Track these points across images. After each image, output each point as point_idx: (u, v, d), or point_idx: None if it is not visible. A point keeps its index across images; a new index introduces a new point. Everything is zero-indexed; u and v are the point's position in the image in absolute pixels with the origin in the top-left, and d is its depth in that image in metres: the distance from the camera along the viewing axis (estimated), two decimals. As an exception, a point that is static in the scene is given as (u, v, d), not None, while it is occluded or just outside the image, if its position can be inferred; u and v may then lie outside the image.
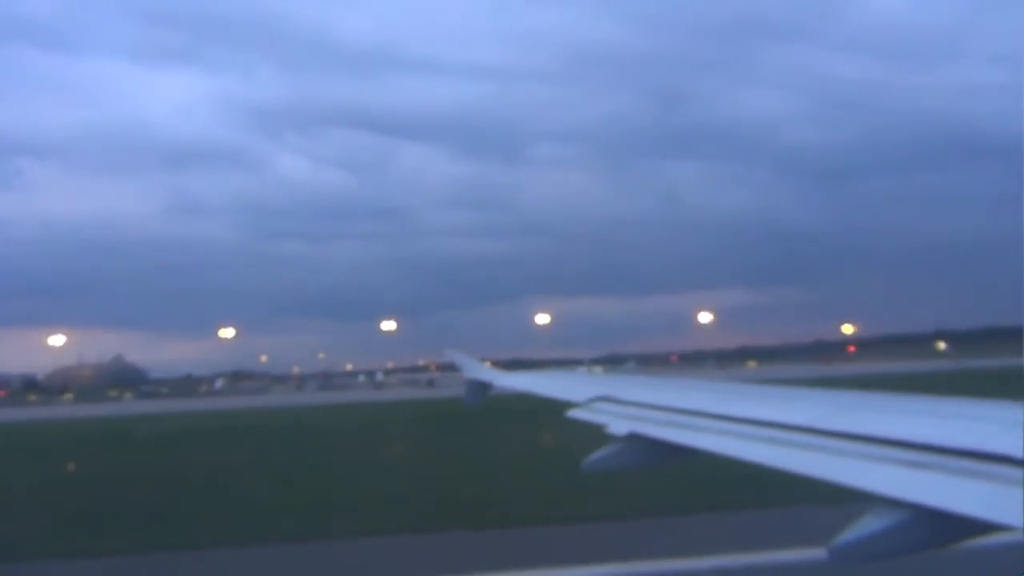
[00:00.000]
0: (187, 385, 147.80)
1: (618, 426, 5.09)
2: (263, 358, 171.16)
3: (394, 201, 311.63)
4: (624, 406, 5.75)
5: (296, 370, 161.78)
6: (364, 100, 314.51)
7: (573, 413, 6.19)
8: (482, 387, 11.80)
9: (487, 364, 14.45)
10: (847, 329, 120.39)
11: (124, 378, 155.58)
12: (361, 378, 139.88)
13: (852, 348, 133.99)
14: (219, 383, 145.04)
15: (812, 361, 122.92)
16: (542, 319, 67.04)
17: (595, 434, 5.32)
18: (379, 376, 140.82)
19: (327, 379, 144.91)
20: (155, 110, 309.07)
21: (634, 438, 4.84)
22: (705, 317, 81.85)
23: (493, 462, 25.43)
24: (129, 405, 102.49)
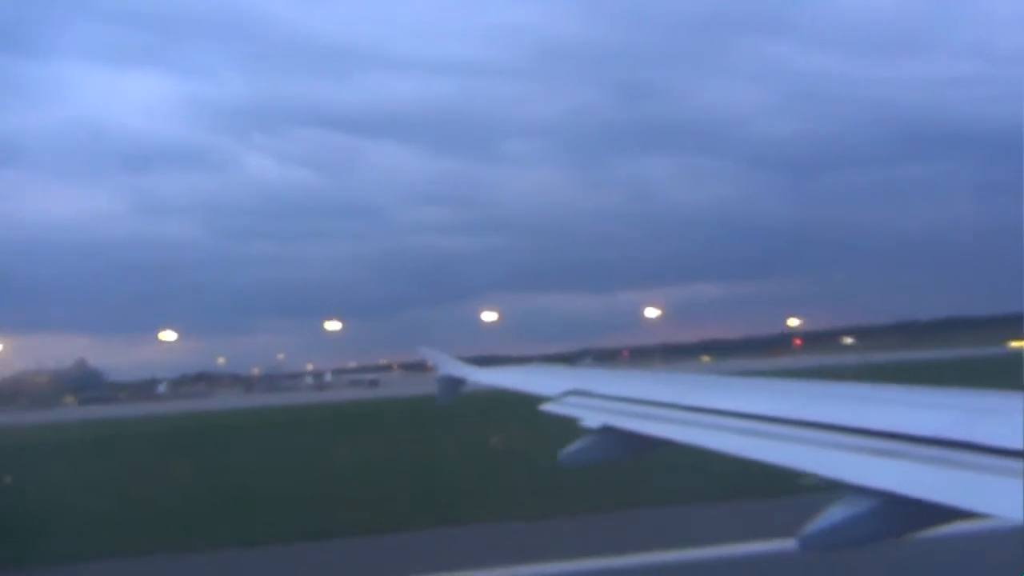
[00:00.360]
0: (147, 389, 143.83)
1: (592, 419, 5.12)
2: (220, 360, 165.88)
3: (363, 199, 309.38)
4: (597, 399, 5.77)
5: (255, 371, 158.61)
6: (331, 98, 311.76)
7: (546, 407, 6.21)
8: (455, 383, 11.78)
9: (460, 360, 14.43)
10: (792, 322, 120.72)
11: (85, 383, 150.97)
12: (308, 379, 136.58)
13: (798, 341, 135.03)
14: (161, 387, 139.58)
15: (765, 355, 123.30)
16: (488, 316, 66.59)
17: (568, 428, 5.35)
18: (327, 377, 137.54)
19: (273, 381, 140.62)
20: (118, 111, 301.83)
21: (607, 431, 4.87)
22: (652, 312, 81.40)
23: (395, 467, 24.54)
24: (62, 412, 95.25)
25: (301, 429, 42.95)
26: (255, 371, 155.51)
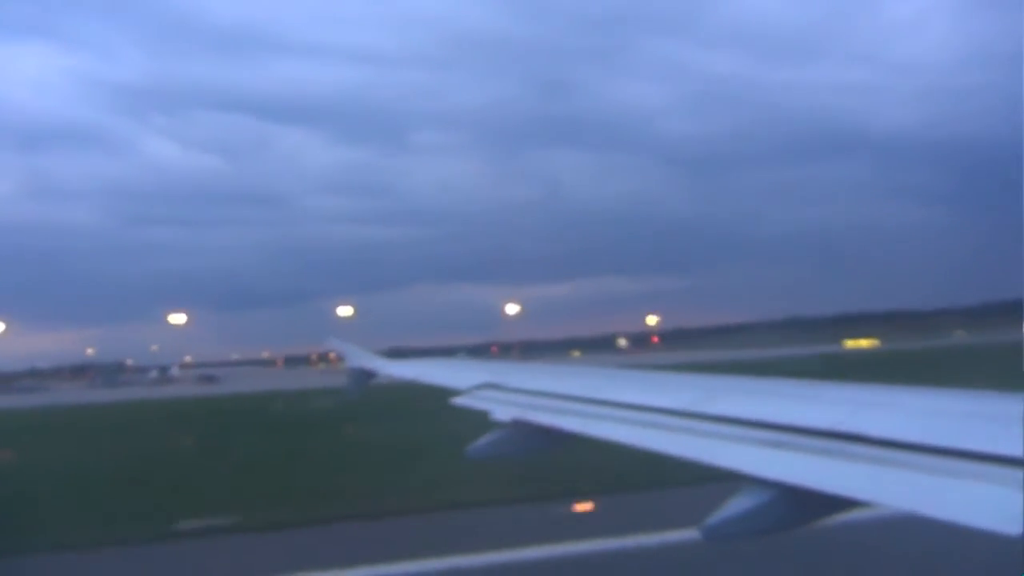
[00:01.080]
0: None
1: (503, 412, 5.14)
2: (89, 351, 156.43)
3: (272, 187, 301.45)
4: (508, 393, 5.80)
5: (129, 362, 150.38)
6: (237, 82, 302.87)
7: (458, 400, 6.20)
8: (364, 376, 11.66)
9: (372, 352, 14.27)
10: (651, 320, 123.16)
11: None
12: (152, 373, 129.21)
13: (655, 339, 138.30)
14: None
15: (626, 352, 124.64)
16: (344, 311, 64.55)
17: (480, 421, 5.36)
18: (173, 371, 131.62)
19: (111, 375, 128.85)
20: (5, 86, 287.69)
21: (518, 424, 4.89)
22: (512, 309, 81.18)
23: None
24: None
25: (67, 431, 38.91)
26: (128, 361, 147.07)
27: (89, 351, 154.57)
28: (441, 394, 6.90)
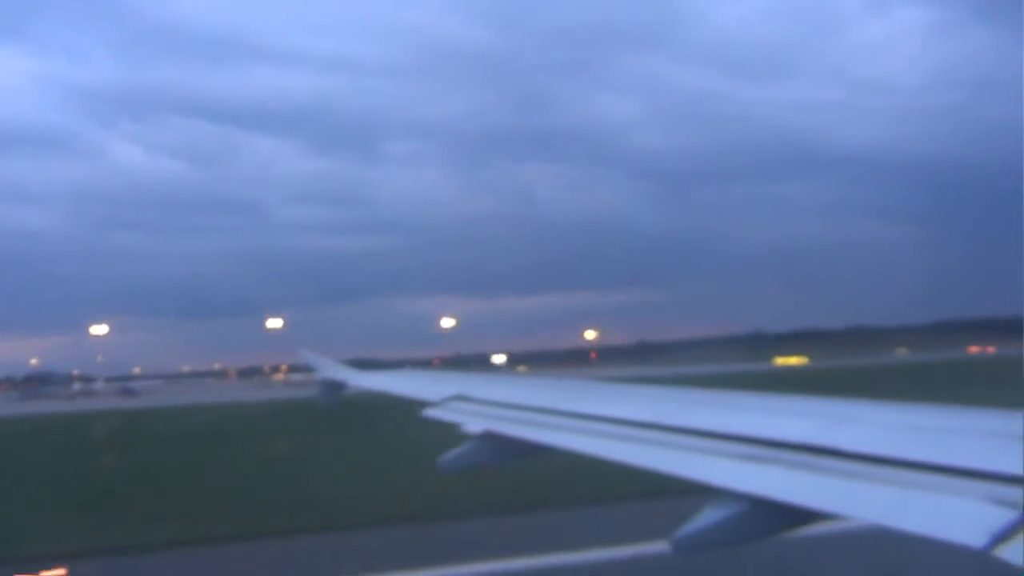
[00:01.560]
0: None
1: (473, 424, 5.12)
2: (33, 361, 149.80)
3: (243, 195, 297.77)
4: (479, 404, 5.78)
5: (75, 372, 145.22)
6: (208, 89, 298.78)
7: (429, 412, 6.17)
8: (336, 387, 11.58)
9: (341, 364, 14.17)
10: (590, 335, 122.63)
11: None
12: (75, 386, 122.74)
13: (593, 355, 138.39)
14: None
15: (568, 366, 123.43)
16: (273, 324, 63.59)
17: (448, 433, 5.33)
18: (97, 384, 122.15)
19: (32, 387, 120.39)
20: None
21: (488, 436, 4.88)
22: (447, 322, 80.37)
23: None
24: None
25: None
26: (75, 372, 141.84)
27: (33, 361, 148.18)
28: (404, 405, 6.87)
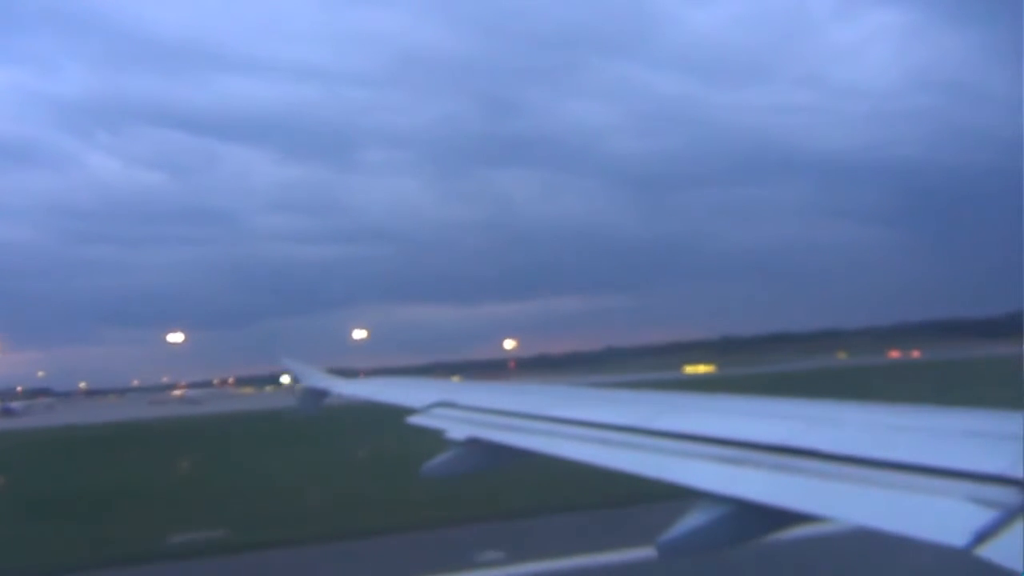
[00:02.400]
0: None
1: (457, 431, 5.11)
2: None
3: (218, 204, 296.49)
4: (463, 411, 5.77)
5: (19, 389, 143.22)
6: (182, 99, 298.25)
7: (413, 419, 6.15)
8: (317, 395, 11.51)
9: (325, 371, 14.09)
10: (508, 344, 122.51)
11: None
12: None
13: (512, 364, 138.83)
14: None
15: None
16: (173, 338, 63.16)
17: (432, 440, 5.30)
18: (15, 404, 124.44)
19: None
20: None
21: (473, 442, 4.87)
22: (359, 334, 79.51)
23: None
24: None
25: None
26: (19, 389, 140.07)
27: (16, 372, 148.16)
28: (396, 413, 6.84)
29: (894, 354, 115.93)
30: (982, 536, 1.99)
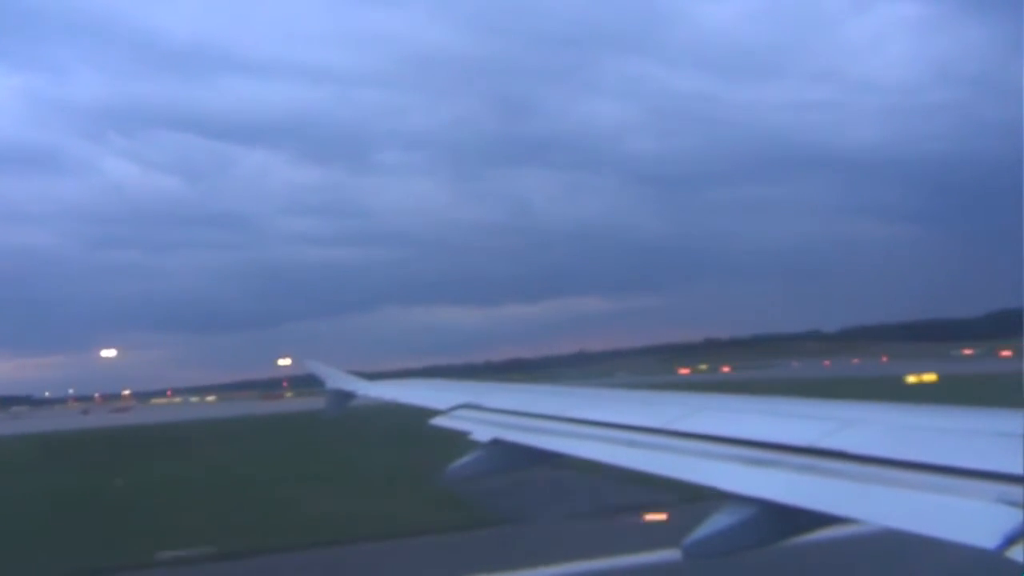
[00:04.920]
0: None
1: (481, 433, 5.11)
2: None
3: (235, 208, 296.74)
4: (487, 413, 5.77)
5: (47, 394, 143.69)
6: (196, 102, 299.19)
7: (437, 421, 6.17)
8: (343, 397, 11.57)
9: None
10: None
11: None
12: None
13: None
14: None
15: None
16: (107, 353, 61.42)
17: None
18: None
19: None
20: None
21: (497, 444, 4.87)
22: (107, 353, 77.20)
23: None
24: None
25: None
26: (47, 394, 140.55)
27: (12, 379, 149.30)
28: (421, 415, 6.86)
29: (854, 360, 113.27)
30: (1012, 538, 1.98)
